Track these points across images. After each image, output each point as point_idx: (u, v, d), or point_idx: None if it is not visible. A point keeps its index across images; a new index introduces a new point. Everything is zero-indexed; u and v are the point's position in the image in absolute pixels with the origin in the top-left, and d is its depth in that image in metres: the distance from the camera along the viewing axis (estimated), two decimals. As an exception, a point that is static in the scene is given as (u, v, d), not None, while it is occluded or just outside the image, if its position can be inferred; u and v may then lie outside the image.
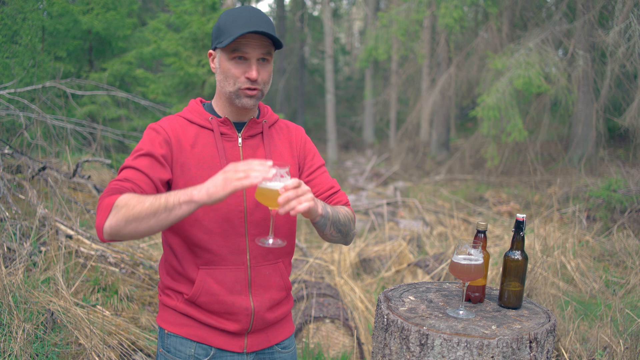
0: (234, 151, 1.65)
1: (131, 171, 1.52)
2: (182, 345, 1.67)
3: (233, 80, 1.59)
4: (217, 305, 1.63)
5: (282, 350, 1.80)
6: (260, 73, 1.59)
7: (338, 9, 25.56)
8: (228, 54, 1.58)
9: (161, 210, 1.38)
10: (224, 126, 1.66)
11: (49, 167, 4.56)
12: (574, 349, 3.06)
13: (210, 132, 1.65)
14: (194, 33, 8.66)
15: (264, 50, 1.58)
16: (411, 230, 6.42)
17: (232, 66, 1.58)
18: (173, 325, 1.68)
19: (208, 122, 1.65)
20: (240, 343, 1.69)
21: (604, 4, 9.04)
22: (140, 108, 9.34)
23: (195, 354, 1.66)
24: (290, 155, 1.76)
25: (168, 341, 1.69)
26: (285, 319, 1.83)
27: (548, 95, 9.37)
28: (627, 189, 6.16)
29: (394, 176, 12.22)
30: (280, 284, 1.74)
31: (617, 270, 4.54)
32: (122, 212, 1.39)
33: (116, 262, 3.64)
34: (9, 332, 2.54)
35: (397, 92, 16.12)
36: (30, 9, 6.75)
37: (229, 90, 1.61)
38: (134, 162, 1.53)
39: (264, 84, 1.62)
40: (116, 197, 1.43)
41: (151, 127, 1.62)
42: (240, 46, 1.55)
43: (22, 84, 6.31)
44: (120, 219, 1.40)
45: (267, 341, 1.74)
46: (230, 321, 1.65)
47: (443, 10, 9.91)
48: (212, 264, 1.63)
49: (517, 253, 1.74)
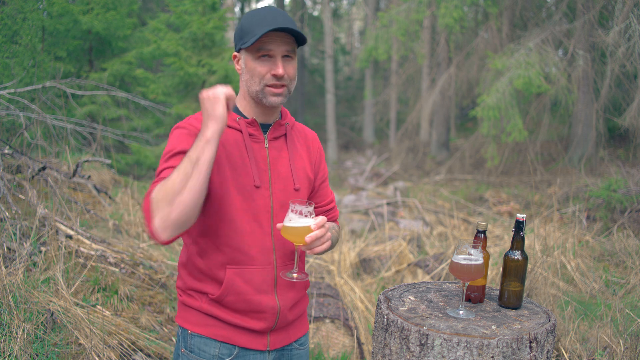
0: (261, 152, 1.68)
1: (167, 172, 1.49)
2: (206, 346, 1.69)
3: (259, 79, 1.61)
4: (244, 304, 1.66)
5: (299, 347, 1.85)
6: (286, 69, 1.61)
7: (338, 9, 25.56)
8: (253, 54, 1.60)
9: (189, 167, 1.39)
10: (252, 127, 1.68)
11: (49, 167, 4.56)
12: (574, 349, 3.06)
13: (238, 133, 1.67)
14: (194, 33, 8.66)
15: (288, 47, 1.60)
16: (411, 230, 6.42)
17: (258, 65, 1.60)
18: (197, 326, 1.69)
19: (236, 123, 1.67)
20: (263, 341, 1.72)
21: (604, 4, 9.04)
22: (140, 108, 9.34)
23: (219, 353, 1.68)
24: (309, 160, 1.80)
25: (192, 341, 1.70)
26: (302, 316, 1.87)
27: (548, 95, 9.37)
28: (627, 189, 6.15)
29: (394, 176, 12.22)
30: (302, 283, 1.78)
31: (617, 270, 4.54)
32: (161, 195, 1.38)
33: (116, 262, 3.64)
34: (9, 332, 2.54)
35: (397, 92, 16.12)
36: (30, 9, 6.75)
37: (255, 89, 1.63)
38: (168, 163, 1.52)
39: (290, 81, 1.64)
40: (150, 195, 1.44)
41: (179, 126, 1.62)
42: (265, 44, 1.57)
43: (22, 84, 6.31)
44: (162, 205, 1.38)
45: (287, 338, 1.79)
46: (255, 320, 1.68)
47: (443, 10, 9.91)
48: (241, 264, 1.65)
49: (517, 253, 1.74)
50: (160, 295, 3.56)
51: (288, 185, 1.70)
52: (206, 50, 8.93)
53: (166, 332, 3.29)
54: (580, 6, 9.27)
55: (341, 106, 22.43)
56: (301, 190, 1.74)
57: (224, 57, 8.81)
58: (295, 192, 1.72)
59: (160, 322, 3.36)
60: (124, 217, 4.76)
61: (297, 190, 1.72)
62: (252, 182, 1.63)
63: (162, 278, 3.71)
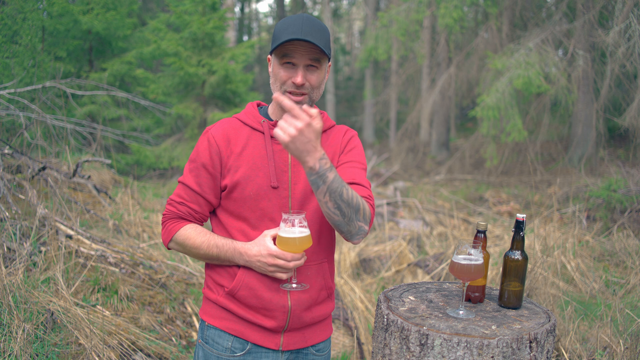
0: (282, 154, 1.72)
1: (185, 190, 1.74)
2: (220, 338, 1.74)
3: (280, 84, 1.65)
4: (255, 300, 1.69)
5: (316, 352, 1.83)
6: (307, 78, 1.64)
7: (338, 9, 25.56)
8: (279, 59, 1.64)
9: (213, 258, 1.71)
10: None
11: (49, 167, 4.56)
12: (574, 349, 3.06)
13: (261, 135, 1.72)
14: (194, 33, 8.66)
15: (312, 56, 1.62)
16: (411, 230, 6.42)
17: (282, 70, 1.65)
18: (213, 318, 1.76)
19: (260, 125, 1.73)
20: (276, 340, 1.73)
21: (604, 4, 9.03)
22: (140, 108, 9.35)
23: (232, 347, 1.73)
24: (333, 156, 1.77)
25: (207, 333, 1.77)
26: (325, 321, 1.85)
27: (548, 95, 9.36)
28: (627, 189, 6.15)
29: (394, 176, 12.21)
30: (320, 284, 1.77)
31: (617, 270, 4.54)
32: (180, 247, 1.74)
33: (116, 262, 3.64)
34: (9, 332, 2.54)
35: (397, 92, 16.11)
36: (30, 9, 6.74)
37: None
38: (187, 178, 1.74)
39: (312, 90, 1.66)
40: (176, 227, 1.73)
41: (206, 136, 1.73)
42: (289, 52, 1.62)
43: (22, 84, 6.31)
44: (179, 249, 1.76)
45: (303, 341, 1.78)
46: (266, 317, 1.70)
47: (443, 10, 9.91)
48: None
49: (517, 253, 1.74)
50: (160, 295, 3.56)
51: (308, 186, 1.72)
52: (206, 50, 8.92)
53: (166, 332, 3.29)
54: (580, 6, 9.27)
55: (341, 106, 22.43)
56: None
57: (224, 57, 8.81)
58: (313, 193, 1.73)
59: (160, 322, 3.36)
60: (124, 217, 4.76)
61: None
62: (269, 183, 1.68)
63: (162, 278, 3.70)
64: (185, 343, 3.31)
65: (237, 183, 1.67)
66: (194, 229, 1.71)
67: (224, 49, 9.07)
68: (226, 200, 1.71)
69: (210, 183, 1.70)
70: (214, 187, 1.71)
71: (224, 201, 1.72)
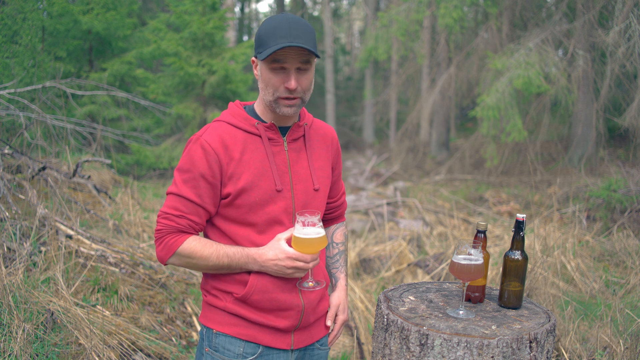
0: (281, 155, 1.71)
1: (183, 202, 1.65)
2: (231, 345, 1.72)
3: (272, 90, 1.63)
4: (269, 303, 1.69)
5: (320, 347, 1.87)
6: (299, 82, 1.63)
7: (338, 9, 25.56)
8: (268, 64, 1.61)
9: (223, 268, 1.67)
10: (271, 131, 1.71)
11: (49, 167, 4.56)
12: (574, 349, 3.06)
13: (258, 138, 1.70)
14: (194, 33, 8.66)
15: (302, 59, 1.61)
16: (411, 230, 6.42)
17: (272, 76, 1.62)
18: (222, 325, 1.73)
19: (255, 128, 1.70)
20: (287, 340, 1.75)
21: (604, 4, 9.03)
22: (140, 108, 9.34)
23: (243, 352, 1.72)
24: (327, 157, 1.84)
25: (216, 340, 1.74)
26: (324, 316, 1.89)
27: (548, 95, 9.36)
28: (627, 189, 6.15)
29: (394, 176, 12.21)
30: (326, 280, 1.83)
31: (617, 270, 4.53)
32: (185, 261, 1.66)
33: (116, 262, 3.64)
34: (9, 332, 2.54)
35: (397, 92, 16.10)
36: (30, 9, 6.74)
37: (269, 99, 1.65)
38: (183, 190, 1.65)
39: (304, 92, 1.66)
40: (178, 241, 1.64)
41: (199, 143, 1.64)
42: (279, 57, 1.59)
43: (22, 84, 6.31)
44: (182, 264, 1.68)
45: (310, 338, 1.81)
46: (280, 318, 1.71)
47: (443, 10, 9.91)
48: None
49: (517, 253, 1.74)
50: (160, 295, 3.56)
51: (308, 186, 1.74)
52: (206, 50, 8.93)
53: (166, 332, 3.29)
54: (580, 6, 9.26)
55: (341, 106, 22.43)
56: (320, 190, 1.77)
57: (224, 57, 8.81)
58: (314, 193, 1.75)
59: (160, 322, 3.36)
60: (124, 217, 4.75)
61: (317, 191, 1.76)
62: (273, 187, 1.67)
63: (162, 278, 3.71)
64: (185, 343, 3.32)
65: (241, 190, 1.64)
66: (197, 241, 1.66)
67: (224, 49, 9.07)
68: (228, 207, 1.67)
69: (210, 193, 1.65)
70: (214, 196, 1.66)
71: (224, 209, 1.68)
